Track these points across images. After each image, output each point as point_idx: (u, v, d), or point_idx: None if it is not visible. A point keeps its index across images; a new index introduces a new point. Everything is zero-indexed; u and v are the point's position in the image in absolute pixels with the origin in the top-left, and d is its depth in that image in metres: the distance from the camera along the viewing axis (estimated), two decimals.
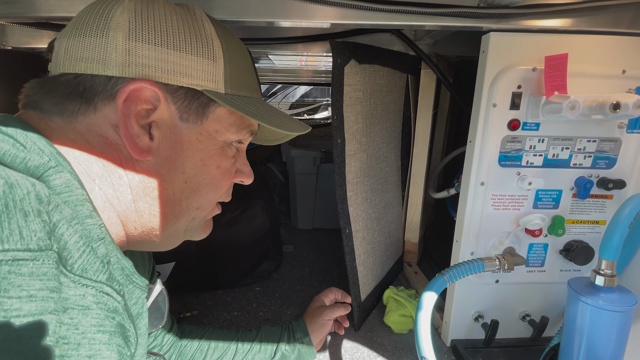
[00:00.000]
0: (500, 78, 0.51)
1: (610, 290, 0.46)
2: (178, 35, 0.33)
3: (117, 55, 0.31)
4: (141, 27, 0.32)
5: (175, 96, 0.33)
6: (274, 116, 0.40)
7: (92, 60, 0.31)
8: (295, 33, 0.73)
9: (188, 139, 0.35)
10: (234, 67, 0.36)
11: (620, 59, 0.52)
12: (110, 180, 0.32)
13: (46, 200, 0.24)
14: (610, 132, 0.55)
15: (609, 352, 0.47)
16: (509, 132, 0.54)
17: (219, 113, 0.36)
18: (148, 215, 0.35)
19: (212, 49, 0.35)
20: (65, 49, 0.32)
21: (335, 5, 0.47)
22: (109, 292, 0.27)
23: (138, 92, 0.31)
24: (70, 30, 0.32)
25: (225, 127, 0.37)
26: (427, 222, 1.02)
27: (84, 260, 0.26)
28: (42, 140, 0.29)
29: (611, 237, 0.45)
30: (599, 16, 0.50)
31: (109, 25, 0.31)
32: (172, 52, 0.33)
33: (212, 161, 0.37)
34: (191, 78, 0.33)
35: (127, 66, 0.31)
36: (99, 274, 0.27)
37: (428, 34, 0.71)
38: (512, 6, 0.47)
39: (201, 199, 0.38)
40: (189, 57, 0.33)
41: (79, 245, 0.26)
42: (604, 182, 0.56)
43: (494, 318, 0.61)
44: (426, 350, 0.44)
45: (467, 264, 0.52)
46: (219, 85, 0.35)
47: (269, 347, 0.59)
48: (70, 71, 0.31)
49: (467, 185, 0.57)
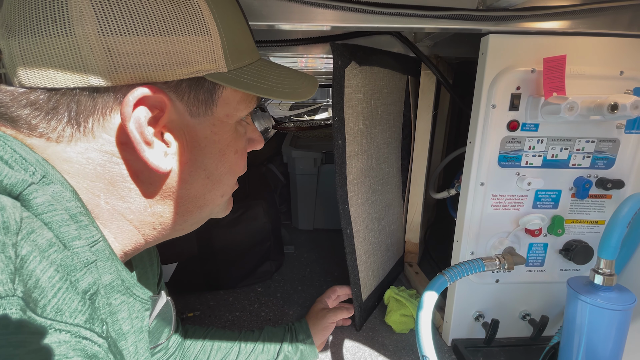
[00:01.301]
0: (500, 79, 0.52)
1: (609, 289, 0.47)
2: (159, 12, 0.26)
3: (95, 58, 0.25)
4: (112, 13, 0.25)
5: (179, 92, 0.29)
6: (282, 81, 0.35)
7: (65, 69, 0.25)
8: (296, 35, 0.74)
9: (203, 135, 0.31)
10: (230, 34, 0.31)
11: (618, 60, 0.53)
12: (119, 193, 0.29)
13: (15, 228, 0.21)
14: (608, 133, 0.55)
15: (608, 351, 0.47)
16: (508, 133, 0.54)
17: (225, 95, 0.32)
18: (168, 214, 0.32)
19: (202, 19, 0.29)
20: (20, 54, 0.25)
21: (335, 9, 0.48)
22: (87, 336, 0.23)
23: (140, 102, 0.27)
24: (17, 25, 0.25)
25: (234, 108, 0.33)
26: (427, 223, 1.02)
27: (58, 299, 0.22)
28: (24, 148, 0.25)
29: (609, 236, 0.45)
30: (596, 18, 0.51)
31: (68, 16, 0.24)
32: (160, 39, 0.27)
33: (230, 148, 0.34)
34: (190, 65, 0.28)
35: (114, 71, 0.26)
36: (76, 315, 0.23)
37: (428, 35, 0.72)
38: (511, 8, 0.48)
39: (223, 186, 0.36)
40: (180, 40, 0.27)
41: (54, 282, 0.22)
42: (602, 182, 0.56)
43: (494, 317, 0.61)
44: (427, 349, 0.45)
45: (467, 263, 0.52)
46: (219, 63, 0.30)
47: (272, 348, 0.59)
48: (40, 85, 0.25)
49: (467, 185, 0.57)
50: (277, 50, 0.89)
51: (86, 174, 0.28)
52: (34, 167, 0.25)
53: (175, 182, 0.31)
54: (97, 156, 0.28)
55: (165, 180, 0.31)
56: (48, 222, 0.23)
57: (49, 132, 0.26)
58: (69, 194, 0.26)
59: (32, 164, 0.25)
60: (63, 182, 0.26)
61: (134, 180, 0.29)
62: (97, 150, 0.27)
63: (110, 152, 0.28)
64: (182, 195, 0.32)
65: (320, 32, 0.72)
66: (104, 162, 0.28)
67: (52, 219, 0.24)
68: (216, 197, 0.35)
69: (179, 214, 0.33)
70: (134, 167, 0.29)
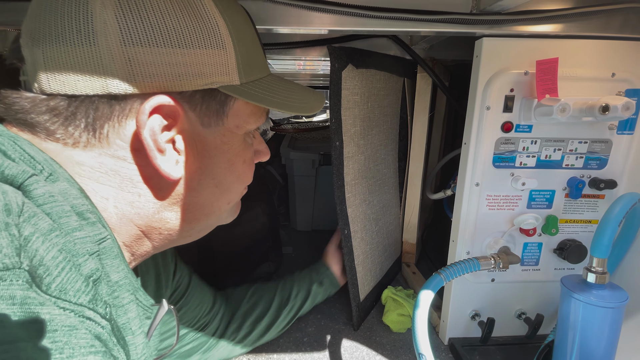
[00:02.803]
0: (494, 82, 0.53)
1: (601, 287, 0.47)
2: (179, 26, 0.28)
3: (116, 67, 0.26)
4: (134, 25, 0.26)
5: (193, 102, 0.30)
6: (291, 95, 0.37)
7: (86, 77, 0.26)
8: (294, 38, 0.74)
9: (213, 145, 0.32)
10: (243, 48, 0.32)
11: (610, 62, 0.54)
12: (128, 198, 0.30)
13: (17, 211, 0.21)
14: (601, 134, 0.56)
15: (602, 348, 0.48)
16: (502, 134, 0.55)
17: (237, 107, 0.33)
18: (175, 220, 0.33)
19: (218, 34, 0.30)
20: (44, 62, 0.26)
21: (332, 13, 0.48)
22: (90, 317, 0.23)
23: (155, 111, 0.28)
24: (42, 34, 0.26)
25: (244, 120, 0.34)
26: (425, 223, 1.03)
27: (62, 278, 0.22)
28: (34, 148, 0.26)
29: (602, 235, 0.46)
30: (588, 21, 0.52)
31: (93, 27, 0.26)
32: (179, 51, 0.28)
33: (239, 158, 0.35)
34: (205, 77, 0.30)
35: (133, 80, 0.27)
36: (80, 295, 0.23)
37: (424, 38, 0.73)
38: (504, 12, 0.49)
39: (231, 194, 0.37)
40: (197, 53, 0.29)
41: (58, 261, 0.22)
42: (595, 182, 0.57)
43: (490, 316, 0.62)
44: (423, 347, 0.45)
45: (463, 263, 0.53)
46: (232, 76, 0.31)
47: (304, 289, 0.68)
48: (60, 92, 0.26)
49: (463, 186, 0.58)
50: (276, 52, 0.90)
51: (97, 177, 0.28)
52: (41, 165, 0.25)
53: (184, 189, 0.32)
54: (109, 161, 0.28)
55: (174, 187, 0.31)
56: (48, 212, 0.24)
57: (66, 137, 0.27)
58: (76, 192, 0.26)
59: (40, 162, 0.25)
60: (70, 180, 0.27)
61: (144, 186, 0.30)
62: (109, 155, 0.28)
63: (122, 158, 0.29)
64: (190, 202, 0.33)
65: (318, 35, 0.73)
66: (115, 167, 0.29)
67: (52, 210, 0.24)
68: (223, 204, 0.36)
69: (186, 220, 0.33)
70: (144, 173, 0.30)
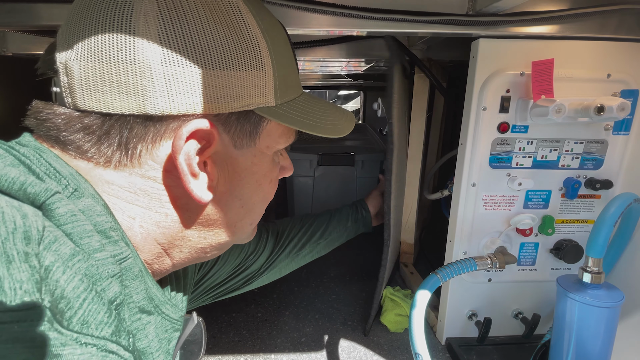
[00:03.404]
0: (490, 82, 0.53)
1: (597, 287, 0.48)
2: (221, 47, 0.27)
3: (154, 87, 0.25)
4: (176, 44, 0.25)
5: (228, 124, 0.29)
6: (323, 116, 0.36)
7: (123, 95, 0.25)
8: (293, 39, 0.75)
9: (244, 166, 0.32)
10: (281, 69, 0.31)
11: (605, 63, 0.54)
12: (155, 218, 0.29)
13: (37, 238, 0.20)
14: (596, 134, 0.56)
15: (598, 347, 0.48)
16: (498, 135, 0.55)
17: (269, 128, 0.32)
18: (197, 239, 0.32)
19: (259, 55, 0.29)
20: (80, 77, 0.25)
21: (330, 14, 0.49)
22: (113, 350, 0.22)
23: (192, 136, 0.27)
24: (80, 47, 0.25)
25: (275, 140, 0.34)
26: (423, 224, 1.03)
27: (85, 310, 0.21)
28: (60, 161, 0.25)
29: (597, 235, 0.47)
30: (584, 23, 0.52)
31: (134, 45, 0.25)
32: (219, 73, 0.27)
33: (266, 178, 0.35)
34: (242, 99, 0.28)
35: (171, 101, 0.26)
36: (103, 328, 0.22)
37: (421, 39, 0.73)
38: (500, 14, 0.49)
39: (255, 215, 0.36)
40: (237, 75, 0.28)
41: (79, 292, 0.21)
42: (591, 183, 0.57)
43: (487, 316, 0.62)
44: (420, 347, 0.46)
45: (459, 262, 0.53)
46: (269, 98, 0.30)
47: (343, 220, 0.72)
48: (95, 109, 0.26)
49: (459, 186, 0.59)
50: None
51: (126, 196, 0.28)
52: (66, 180, 0.25)
53: (212, 210, 0.31)
54: (139, 181, 0.28)
55: (203, 209, 0.31)
56: (69, 233, 0.23)
57: (98, 156, 0.27)
58: (100, 208, 0.26)
59: (65, 177, 0.25)
60: (95, 196, 0.26)
61: (172, 207, 0.29)
62: (140, 175, 0.28)
63: (152, 178, 0.28)
64: (216, 223, 0.32)
65: (316, 36, 0.73)
66: (144, 186, 0.28)
67: (74, 230, 0.23)
68: (246, 225, 0.36)
69: (207, 239, 0.33)
70: (173, 194, 0.29)
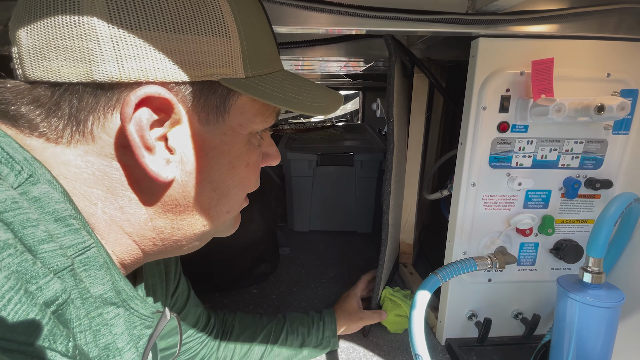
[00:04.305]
0: (490, 82, 0.53)
1: (597, 287, 0.48)
2: (176, 8, 0.25)
3: (101, 51, 0.24)
4: (125, 3, 0.24)
5: (189, 95, 0.27)
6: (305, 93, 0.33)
7: (69, 62, 0.24)
8: (292, 38, 0.74)
9: (212, 145, 0.29)
10: (250, 38, 0.29)
11: (605, 62, 0.54)
12: (117, 203, 0.27)
13: None
14: (596, 134, 0.56)
15: (598, 348, 0.48)
16: (498, 134, 0.55)
17: (241, 103, 0.30)
18: (170, 229, 0.30)
19: (221, 19, 0.27)
20: (27, 44, 0.24)
21: (329, 12, 0.48)
22: (45, 357, 0.20)
23: (145, 102, 0.25)
24: (25, 16, 0.24)
25: (249, 119, 0.31)
26: (422, 224, 1.03)
27: (9, 312, 0.19)
28: (14, 146, 0.24)
29: (597, 235, 0.46)
30: (583, 22, 0.52)
31: (78, 5, 0.23)
32: (174, 37, 0.25)
33: (241, 161, 0.32)
34: (203, 68, 0.26)
35: (120, 66, 0.24)
36: (32, 332, 0.19)
37: (420, 39, 0.73)
38: (499, 13, 0.49)
39: (231, 202, 0.33)
40: (195, 39, 0.26)
41: (3, 291, 0.19)
42: (591, 182, 0.57)
43: (487, 316, 0.62)
44: (420, 348, 0.45)
45: (459, 263, 0.53)
46: (236, 68, 0.28)
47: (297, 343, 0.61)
48: (44, 79, 0.24)
49: (459, 186, 0.58)
50: None
51: (84, 179, 0.26)
52: (20, 165, 0.23)
53: (179, 193, 0.29)
54: (96, 160, 0.26)
55: (166, 190, 0.28)
56: (10, 222, 0.21)
57: (49, 131, 0.25)
58: (58, 195, 0.24)
59: (19, 162, 0.23)
60: (52, 182, 0.25)
61: (134, 189, 0.27)
62: (96, 153, 0.26)
63: (110, 156, 0.26)
64: (186, 210, 0.30)
65: (315, 35, 0.73)
66: (103, 167, 0.26)
67: (15, 218, 0.21)
68: (222, 212, 0.33)
69: (180, 230, 0.31)
70: (135, 174, 0.27)
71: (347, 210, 1.14)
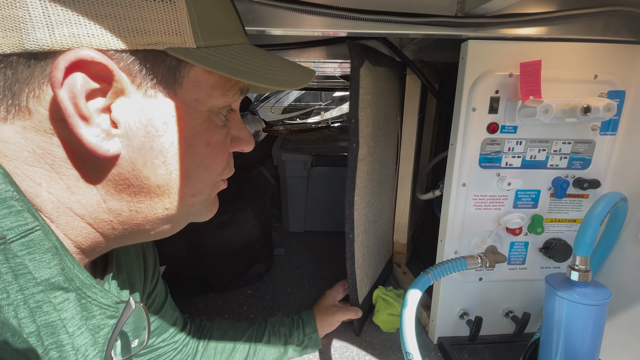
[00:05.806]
0: (479, 83, 0.54)
1: (584, 285, 0.48)
2: None
3: (31, 17, 0.22)
4: None
5: (133, 65, 0.25)
6: (268, 67, 0.31)
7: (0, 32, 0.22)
8: (287, 40, 0.75)
9: (163, 119, 0.27)
10: (201, 5, 0.27)
11: (592, 64, 0.55)
12: (64, 182, 0.26)
13: None
14: (584, 134, 0.57)
15: (586, 345, 0.49)
16: (488, 135, 0.56)
17: (194, 76, 0.28)
18: (128, 212, 0.28)
19: None
20: None
21: (323, 15, 0.49)
22: None
23: (78, 66, 0.23)
24: None
25: (206, 93, 0.29)
26: (416, 224, 1.03)
27: None
28: None
29: (584, 234, 0.47)
30: (571, 24, 0.53)
31: None
32: (110, 0, 0.23)
33: (199, 139, 0.29)
34: (146, 35, 0.24)
35: (51, 33, 0.22)
36: None
37: (413, 41, 0.74)
38: (488, 15, 0.50)
39: (195, 184, 0.31)
40: (134, 4, 0.24)
41: None
42: (579, 182, 0.58)
43: (478, 315, 0.63)
44: (410, 346, 0.46)
45: (450, 262, 0.53)
46: (185, 37, 0.26)
47: (280, 343, 0.61)
48: None
49: (450, 186, 0.59)
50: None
51: (25, 157, 0.24)
52: None
53: (128, 172, 0.27)
54: (35, 136, 0.24)
55: (112, 167, 0.26)
56: None
57: None
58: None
59: None
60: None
61: (79, 167, 0.26)
62: (34, 129, 0.24)
63: (49, 132, 0.25)
64: (141, 191, 0.28)
65: (311, 37, 0.73)
66: (43, 143, 0.25)
67: None
68: (186, 196, 0.30)
69: (140, 213, 0.29)
70: (78, 151, 0.25)
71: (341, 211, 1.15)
